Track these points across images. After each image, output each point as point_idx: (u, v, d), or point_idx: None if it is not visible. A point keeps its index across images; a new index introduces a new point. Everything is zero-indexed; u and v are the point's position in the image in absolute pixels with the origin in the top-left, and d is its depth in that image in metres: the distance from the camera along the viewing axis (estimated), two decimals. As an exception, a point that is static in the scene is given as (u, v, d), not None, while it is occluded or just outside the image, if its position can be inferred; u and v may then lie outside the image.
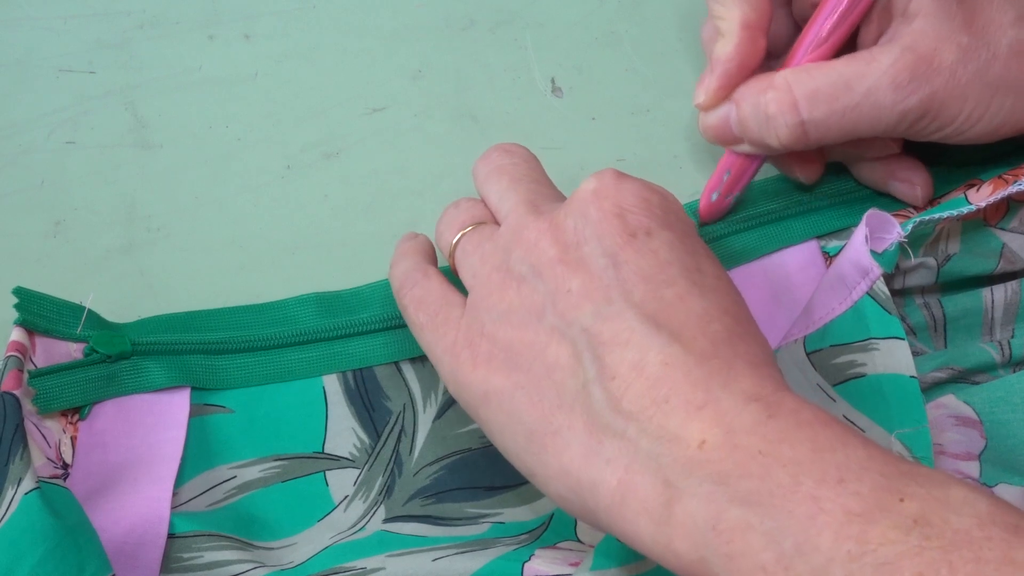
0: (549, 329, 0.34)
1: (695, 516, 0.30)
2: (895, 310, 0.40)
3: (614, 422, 0.32)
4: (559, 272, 0.35)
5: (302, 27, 0.51)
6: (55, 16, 0.51)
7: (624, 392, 0.32)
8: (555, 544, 0.41)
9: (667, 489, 0.30)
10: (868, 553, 0.27)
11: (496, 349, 0.36)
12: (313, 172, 0.49)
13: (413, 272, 0.41)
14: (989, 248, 0.44)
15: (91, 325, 0.43)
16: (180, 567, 0.40)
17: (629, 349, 0.32)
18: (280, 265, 0.48)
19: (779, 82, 0.41)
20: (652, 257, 0.34)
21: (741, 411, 0.30)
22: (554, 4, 0.52)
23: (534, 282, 0.35)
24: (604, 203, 0.36)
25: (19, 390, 0.39)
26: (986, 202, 0.42)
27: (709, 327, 0.33)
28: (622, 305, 0.33)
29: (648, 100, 0.51)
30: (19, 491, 0.36)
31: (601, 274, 0.34)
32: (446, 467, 0.43)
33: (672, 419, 0.31)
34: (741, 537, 0.29)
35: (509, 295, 0.36)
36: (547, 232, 0.36)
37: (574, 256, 0.35)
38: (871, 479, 0.28)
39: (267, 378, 0.44)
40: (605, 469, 0.32)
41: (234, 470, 0.43)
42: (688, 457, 0.30)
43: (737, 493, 0.29)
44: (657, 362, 0.32)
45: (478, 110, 0.50)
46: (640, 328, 0.33)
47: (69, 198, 0.48)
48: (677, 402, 0.31)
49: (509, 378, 0.35)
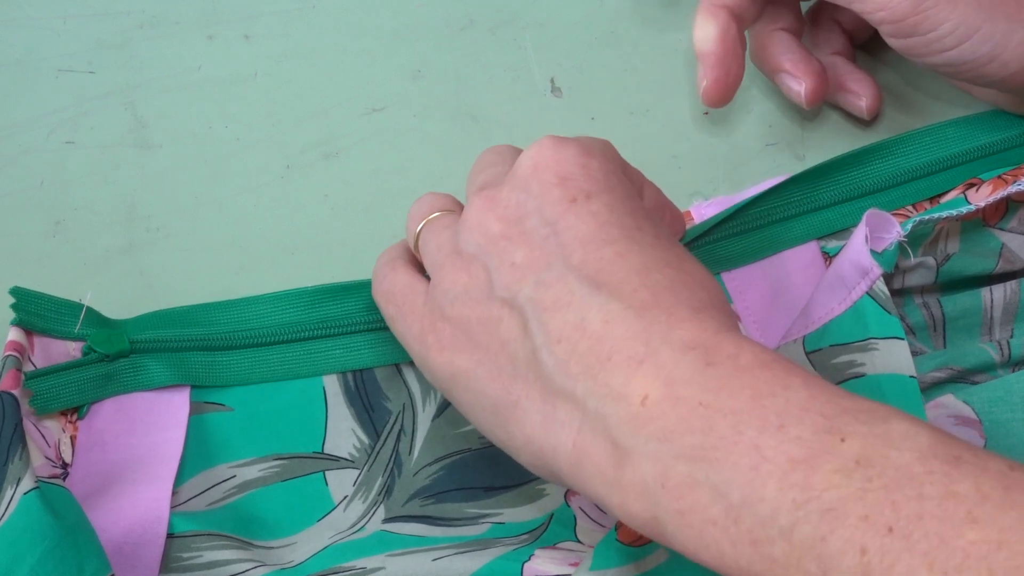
0: (499, 303, 0.35)
1: (644, 476, 0.30)
2: (895, 310, 0.40)
3: (564, 385, 0.32)
4: (503, 247, 0.35)
5: (302, 27, 0.51)
6: (55, 16, 0.51)
7: (570, 354, 0.32)
8: (555, 544, 0.41)
9: (615, 450, 0.30)
10: (812, 500, 0.27)
11: (456, 331, 0.36)
12: (313, 172, 0.49)
13: (383, 268, 0.41)
14: (988, 248, 0.44)
15: (89, 323, 0.43)
16: (179, 567, 0.40)
17: (571, 311, 0.33)
18: (280, 265, 0.48)
19: None
20: (592, 220, 0.34)
21: (679, 361, 0.30)
22: (554, 4, 0.52)
23: (482, 260, 0.36)
24: (544, 174, 0.36)
25: (17, 390, 0.39)
26: (985, 202, 0.42)
27: (649, 278, 0.33)
28: (562, 270, 0.33)
29: (648, 100, 0.51)
30: (18, 491, 0.36)
31: (542, 243, 0.34)
32: (446, 467, 0.43)
33: (616, 376, 0.31)
34: (689, 493, 0.29)
35: (462, 276, 0.36)
36: (491, 210, 0.36)
37: (517, 230, 0.35)
38: (812, 421, 0.28)
39: (267, 375, 0.44)
40: (560, 433, 0.32)
41: (233, 469, 0.43)
42: (632, 415, 0.30)
43: (682, 449, 0.29)
44: (598, 320, 0.32)
45: (478, 110, 0.50)
46: (579, 289, 0.33)
47: (69, 198, 0.48)
48: (619, 358, 0.31)
49: (471, 357, 0.35)
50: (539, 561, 0.40)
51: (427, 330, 0.37)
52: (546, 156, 0.36)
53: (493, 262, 0.35)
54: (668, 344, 0.31)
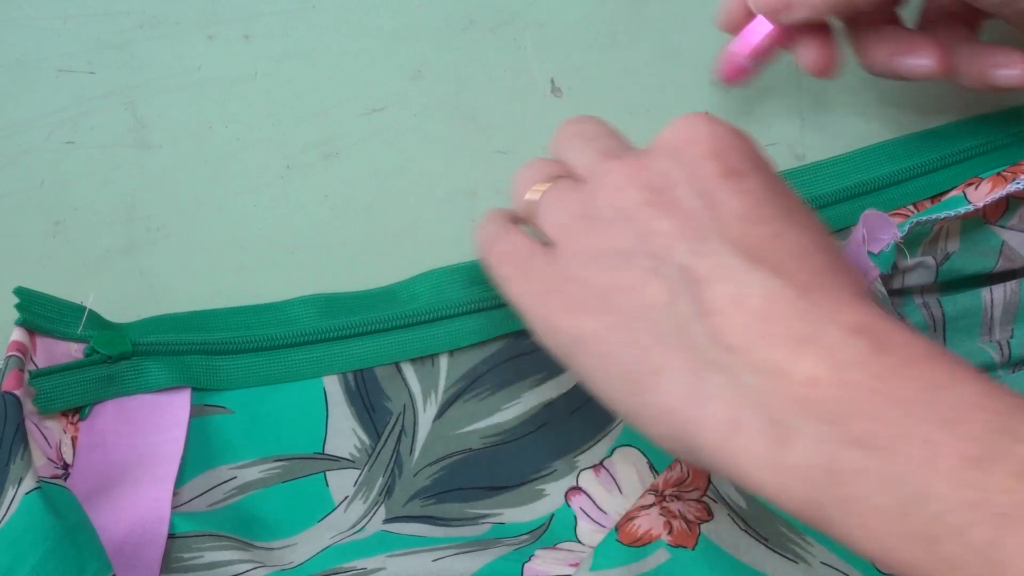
0: (641, 270, 0.33)
1: (808, 457, 0.29)
2: (893, 310, 0.40)
3: (717, 357, 0.31)
4: (649, 214, 0.34)
5: (302, 27, 0.51)
6: (55, 16, 0.51)
7: (725, 327, 0.31)
8: (555, 545, 0.41)
9: (774, 428, 0.29)
10: (986, 502, 0.26)
11: (586, 292, 0.34)
12: (313, 172, 0.49)
13: (495, 231, 0.39)
14: (989, 246, 0.44)
15: (92, 325, 0.43)
16: (180, 567, 0.40)
17: (729, 284, 0.32)
18: (280, 265, 0.48)
19: None
20: (747, 196, 0.33)
21: (847, 344, 0.29)
22: (554, 4, 0.52)
23: (622, 225, 0.34)
24: (696, 147, 0.35)
25: (20, 390, 0.39)
26: (984, 201, 0.42)
27: (808, 261, 0.32)
28: (718, 242, 0.32)
29: (648, 100, 0.51)
30: (20, 491, 0.36)
31: (694, 213, 0.33)
32: (446, 467, 0.43)
33: (776, 352, 0.30)
34: (857, 480, 0.28)
35: (597, 239, 0.35)
36: (634, 176, 0.35)
37: (664, 198, 0.34)
38: (984, 419, 0.27)
39: (267, 379, 0.44)
40: (708, 405, 0.31)
41: (234, 470, 0.43)
42: (797, 395, 0.29)
43: (851, 434, 0.28)
44: (758, 296, 0.31)
45: (478, 110, 0.50)
46: (738, 264, 0.32)
47: (69, 198, 0.48)
48: (781, 335, 0.30)
49: (601, 320, 0.34)
50: (539, 561, 0.40)
51: (551, 290, 0.36)
52: (699, 130, 0.35)
53: (637, 228, 0.34)
54: (835, 325, 0.30)
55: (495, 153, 0.50)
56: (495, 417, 0.44)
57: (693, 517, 0.40)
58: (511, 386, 0.45)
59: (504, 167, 0.49)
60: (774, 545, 0.39)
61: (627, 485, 0.43)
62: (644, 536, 0.39)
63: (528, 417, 0.44)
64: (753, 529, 0.40)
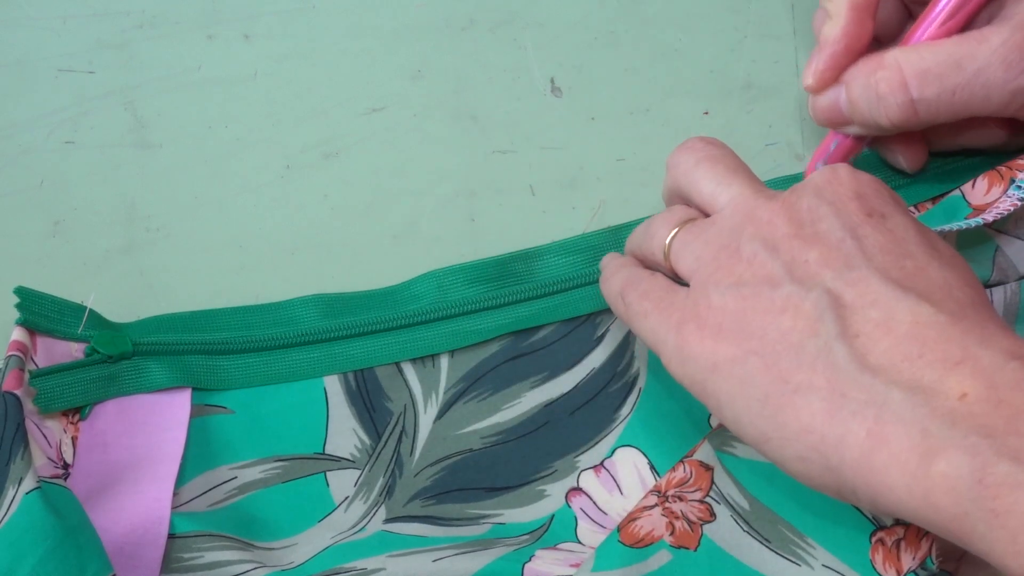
0: (784, 296, 0.35)
1: (958, 468, 0.29)
2: None
3: (860, 377, 0.32)
4: (795, 245, 0.35)
5: (302, 27, 0.51)
6: (55, 16, 0.51)
7: (871, 348, 0.32)
8: (555, 545, 0.41)
9: (925, 439, 0.30)
10: None
11: (724, 319, 0.36)
12: (313, 172, 0.49)
13: (636, 273, 0.41)
14: (985, 257, 0.44)
15: (92, 325, 0.43)
16: (181, 567, 0.40)
17: (875, 308, 0.33)
18: (280, 265, 0.48)
19: (889, 61, 0.41)
20: (890, 235, 0.35)
21: (1002, 367, 0.30)
22: (554, 4, 0.52)
23: (767, 255, 0.36)
24: (840, 188, 0.36)
25: (20, 390, 0.39)
26: (987, 216, 0.42)
27: (953, 293, 0.33)
28: (865, 270, 0.34)
29: (648, 100, 0.51)
30: (20, 491, 0.36)
31: (839, 245, 0.35)
32: (447, 468, 0.43)
33: (927, 373, 0.31)
34: (1010, 493, 0.28)
35: (738, 269, 0.36)
36: (780, 212, 0.37)
37: (810, 231, 0.36)
38: None
39: (268, 379, 0.44)
40: (851, 421, 0.32)
41: (235, 470, 0.43)
42: (949, 408, 0.30)
43: (1005, 447, 0.29)
44: (907, 320, 0.32)
45: (478, 110, 0.50)
46: (885, 290, 0.33)
47: (69, 198, 0.48)
48: (932, 357, 0.31)
49: (740, 346, 0.35)
50: (540, 562, 0.40)
51: (688, 319, 0.37)
52: (842, 175, 0.37)
53: (782, 258, 0.35)
54: (988, 350, 0.31)
55: (495, 153, 0.50)
56: (495, 417, 0.44)
57: (695, 518, 0.40)
58: (511, 386, 0.45)
59: (504, 167, 0.49)
60: (776, 547, 0.39)
61: (628, 485, 0.43)
62: (646, 537, 0.39)
63: (528, 417, 0.44)
64: (755, 531, 0.40)
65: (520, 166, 0.49)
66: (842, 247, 0.35)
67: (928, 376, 0.31)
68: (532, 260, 0.46)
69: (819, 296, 0.34)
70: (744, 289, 0.36)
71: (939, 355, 0.31)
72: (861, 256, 0.34)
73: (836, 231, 0.35)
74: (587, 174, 0.49)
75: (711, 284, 0.37)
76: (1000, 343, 0.31)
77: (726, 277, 0.36)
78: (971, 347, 0.31)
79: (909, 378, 0.31)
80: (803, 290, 0.34)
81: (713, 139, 0.42)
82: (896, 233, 0.35)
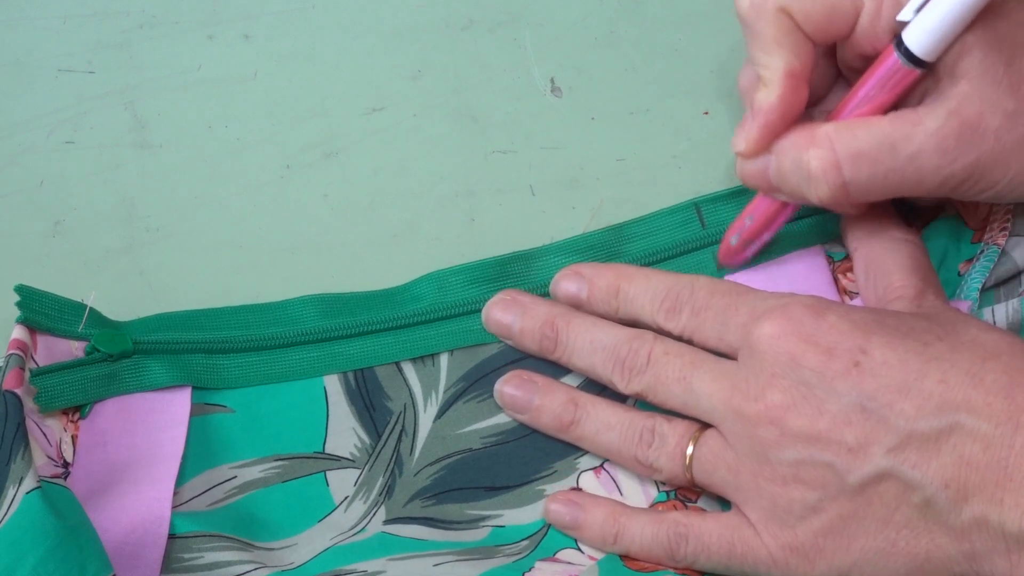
0: (858, 489, 0.36)
1: None
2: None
3: (968, 520, 0.34)
4: (824, 445, 0.36)
5: (302, 27, 0.51)
6: (55, 16, 0.51)
7: (962, 491, 0.34)
8: (555, 555, 0.41)
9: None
10: None
11: (821, 540, 0.37)
12: (313, 172, 0.49)
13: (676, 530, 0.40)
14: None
15: (93, 323, 0.43)
16: (181, 567, 0.40)
17: (942, 455, 0.35)
18: (280, 265, 0.48)
19: (822, 138, 0.40)
20: (886, 370, 0.36)
21: None
22: (554, 4, 0.52)
23: (806, 467, 0.37)
24: (807, 357, 0.37)
25: (20, 388, 0.39)
26: (1003, 237, 0.42)
27: (983, 382, 0.35)
28: (904, 428, 0.35)
29: (648, 100, 0.51)
30: (20, 490, 0.36)
31: (861, 419, 0.36)
32: (447, 467, 0.43)
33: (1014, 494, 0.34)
34: None
35: (795, 491, 0.37)
36: (778, 417, 0.37)
37: (824, 422, 0.36)
38: None
39: (268, 378, 0.44)
40: (992, 559, 0.35)
41: (235, 470, 0.43)
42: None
43: None
44: (977, 449, 0.34)
45: (478, 110, 0.50)
46: (935, 435, 0.35)
47: (69, 198, 0.48)
48: (1019, 476, 0.34)
49: (853, 549, 0.37)
50: (539, 574, 0.41)
51: (785, 555, 0.38)
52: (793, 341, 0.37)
53: (825, 460, 0.36)
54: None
55: (495, 153, 0.50)
56: (495, 417, 0.44)
57: None
58: (511, 386, 0.45)
59: (504, 167, 0.49)
60: None
61: (628, 487, 0.43)
62: (650, 567, 0.40)
63: (528, 417, 0.44)
64: None
65: (520, 166, 0.49)
66: (865, 419, 0.36)
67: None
68: (532, 260, 0.46)
69: (885, 472, 0.36)
70: (817, 506, 0.37)
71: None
72: (888, 418, 0.36)
73: (845, 410, 0.36)
74: (587, 174, 0.49)
75: (781, 516, 0.38)
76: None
77: (791, 503, 0.37)
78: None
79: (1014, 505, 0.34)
80: (863, 476, 0.36)
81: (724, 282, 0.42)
82: (889, 363, 0.36)
